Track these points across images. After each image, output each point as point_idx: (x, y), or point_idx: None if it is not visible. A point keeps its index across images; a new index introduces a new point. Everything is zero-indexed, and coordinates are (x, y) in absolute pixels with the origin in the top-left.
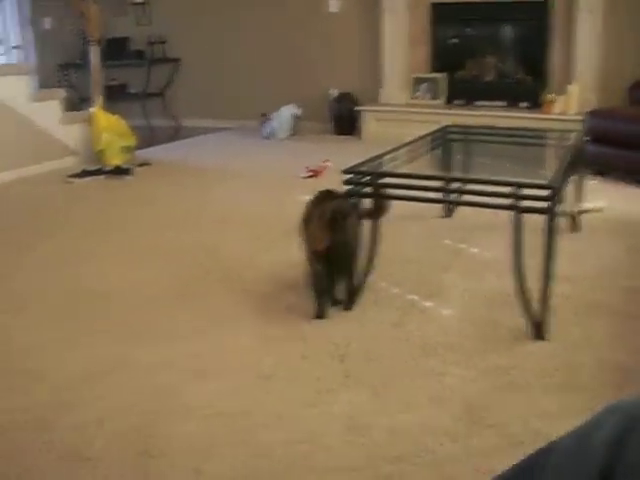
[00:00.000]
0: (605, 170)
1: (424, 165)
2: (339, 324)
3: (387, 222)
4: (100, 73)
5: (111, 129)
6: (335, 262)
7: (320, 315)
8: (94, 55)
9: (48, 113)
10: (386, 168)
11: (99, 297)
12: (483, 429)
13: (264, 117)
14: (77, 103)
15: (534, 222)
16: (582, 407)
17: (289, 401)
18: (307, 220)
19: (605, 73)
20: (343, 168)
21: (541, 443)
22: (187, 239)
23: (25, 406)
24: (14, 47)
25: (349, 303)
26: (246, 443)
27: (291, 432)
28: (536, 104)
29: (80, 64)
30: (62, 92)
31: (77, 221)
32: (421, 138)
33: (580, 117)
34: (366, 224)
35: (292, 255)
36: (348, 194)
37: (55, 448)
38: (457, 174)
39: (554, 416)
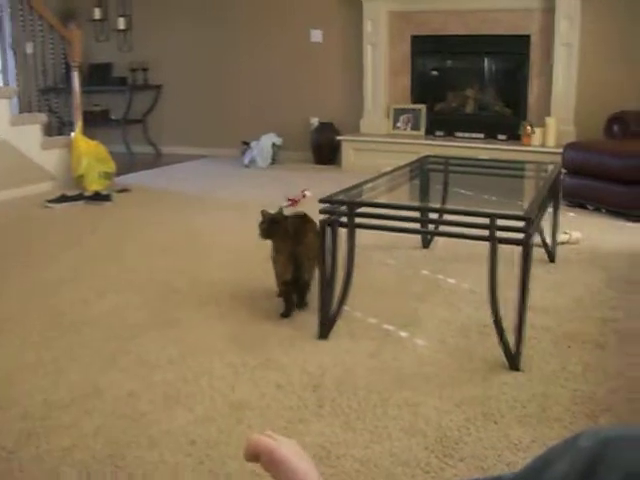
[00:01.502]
0: (582, 202)
1: (402, 195)
2: (314, 354)
3: (364, 252)
4: (81, 98)
5: (91, 154)
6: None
7: (287, 314)
8: (75, 80)
9: (28, 137)
10: (364, 197)
11: (76, 323)
12: (456, 462)
13: (245, 145)
14: (57, 128)
15: (511, 253)
16: (555, 439)
17: (260, 431)
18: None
19: (583, 106)
20: (319, 198)
21: None
22: (166, 265)
23: None
24: None
25: (323, 334)
26: (213, 473)
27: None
28: (515, 136)
29: (61, 89)
30: (43, 116)
31: (55, 246)
32: (400, 168)
33: (558, 149)
34: (341, 253)
35: (270, 284)
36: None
37: (15, 479)
38: (435, 204)
39: (527, 448)
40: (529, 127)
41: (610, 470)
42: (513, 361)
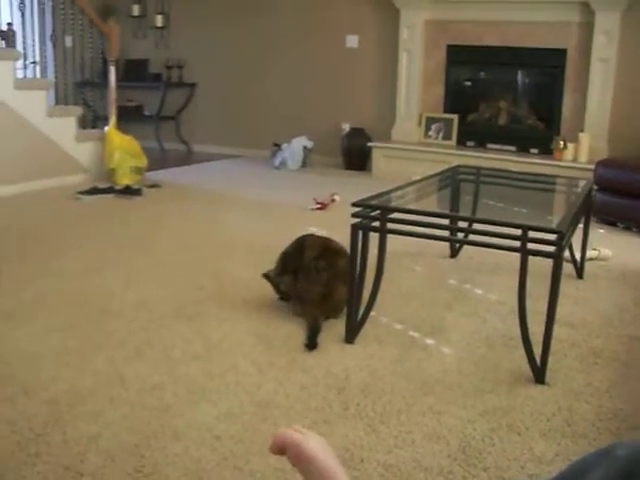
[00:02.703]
0: (613, 219)
1: (432, 203)
2: (339, 357)
3: (392, 258)
4: (116, 93)
5: (123, 149)
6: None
7: (312, 347)
8: (112, 75)
9: (63, 129)
10: (394, 204)
11: (102, 313)
12: (479, 471)
13: (276, 147)
14: (92, 121)
15: (539, 266)
16: (578, 453)
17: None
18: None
19: (617, 122)
20: (351, 202)
21: None
22: (192, 261)
23: (11, 418)
24: (32, 62)
25: (349, 338)
26: (238, 469)
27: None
28: (547, 150)
29: (97, 83)
30: (78, 109)
31: (84, 237)
32: (431, 177)
33: (590, 165)
34: (371, 260)
35: None
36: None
37: (42, 462)
38: (465, 214)
39: (550, 462)
40: (562, 142)
41: None
42: (539, 374)
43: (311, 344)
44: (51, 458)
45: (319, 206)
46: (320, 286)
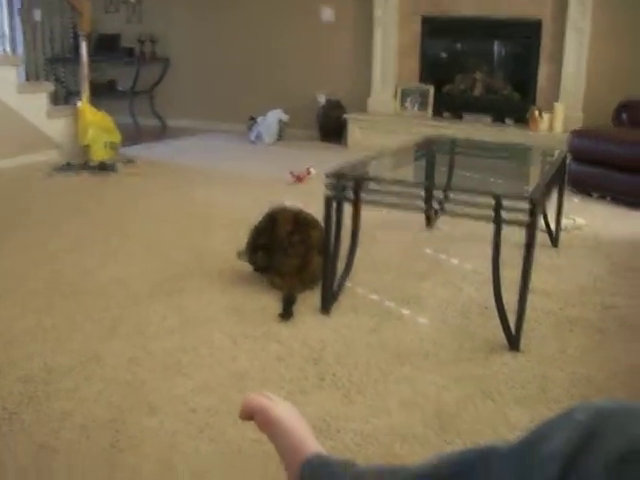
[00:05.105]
0: (587, 189)
1: (407, 174)
2: (315, 328)
3: (367, 229)
4: (88, 68)
5: (97, 125)
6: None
7: (287, 317)
8: (83, 50)
9: (35, 105)
10: (369, 175)
11: (78, 291)
12: (453, 437)
13: (252, 121)
14: (64, 97)
15: (514, 235)
16: None
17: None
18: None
19: (592, 93)
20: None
21: None
22: (168, 237)
23: None
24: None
25: (324, 309)
26: (214, 441)
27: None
28: (522, 120)
29: (69, 58)
30: (50, 85)
31: (58, 215)
32: (406, 147)
33: (565, 135)
34: (345, 231)
35: None
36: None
37: (16, 440)
38: (440, 183)
39: (524, 428)
40: (537, 112)
41: (604, 443)
42: (513, 342)
43: (286, 314)
44: (25, 436)
45: (295, 179)
46: (295, 258)
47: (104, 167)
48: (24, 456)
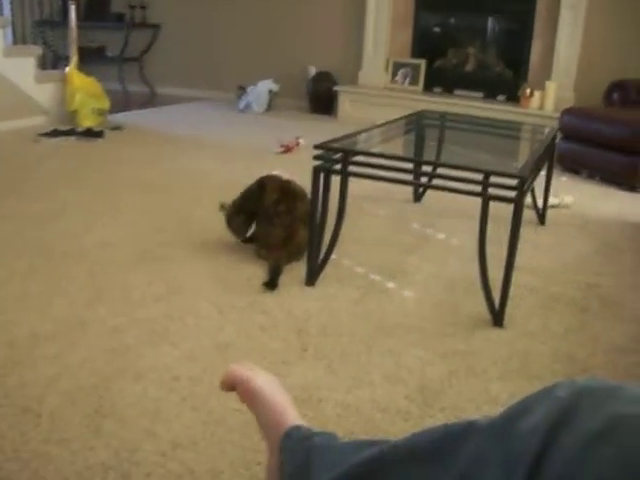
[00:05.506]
0: (576, 167)
1: (397, 147)
2: (300, 299)
3: (355, 202)
4: (77, 33)
5: (85, 90)
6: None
7: (272, 287)
8: (72, 14)
9: (22, 70)
10: (358, 148)
11: (63, 257)
12: (436, 411)
13: (241, 90)
14: (52, 62)
15: (502, 212)
16: None
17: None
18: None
19: (584, 72)
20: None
21: None
22: (155, 204)
23: None
24: None
25: (310, 280)
26: (196, 409)
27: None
28: (514, 98)
29: (57, 22)
30: (37, 49)
31: (45, 180)
32: (395, 121)
33: (556, 114)
34: (332, 202)
35: None
36: (315, 171)
37: (0, 403)
38: (429, 158)
39: (506, 402)
40: (528, 90)
41: (582, 421)
42: (497, 318)
43: (271, 284)
44: (9, 400)
45: (284, 149)
46: (280, 229)
47: (91, 133)
48: (7, 420)
